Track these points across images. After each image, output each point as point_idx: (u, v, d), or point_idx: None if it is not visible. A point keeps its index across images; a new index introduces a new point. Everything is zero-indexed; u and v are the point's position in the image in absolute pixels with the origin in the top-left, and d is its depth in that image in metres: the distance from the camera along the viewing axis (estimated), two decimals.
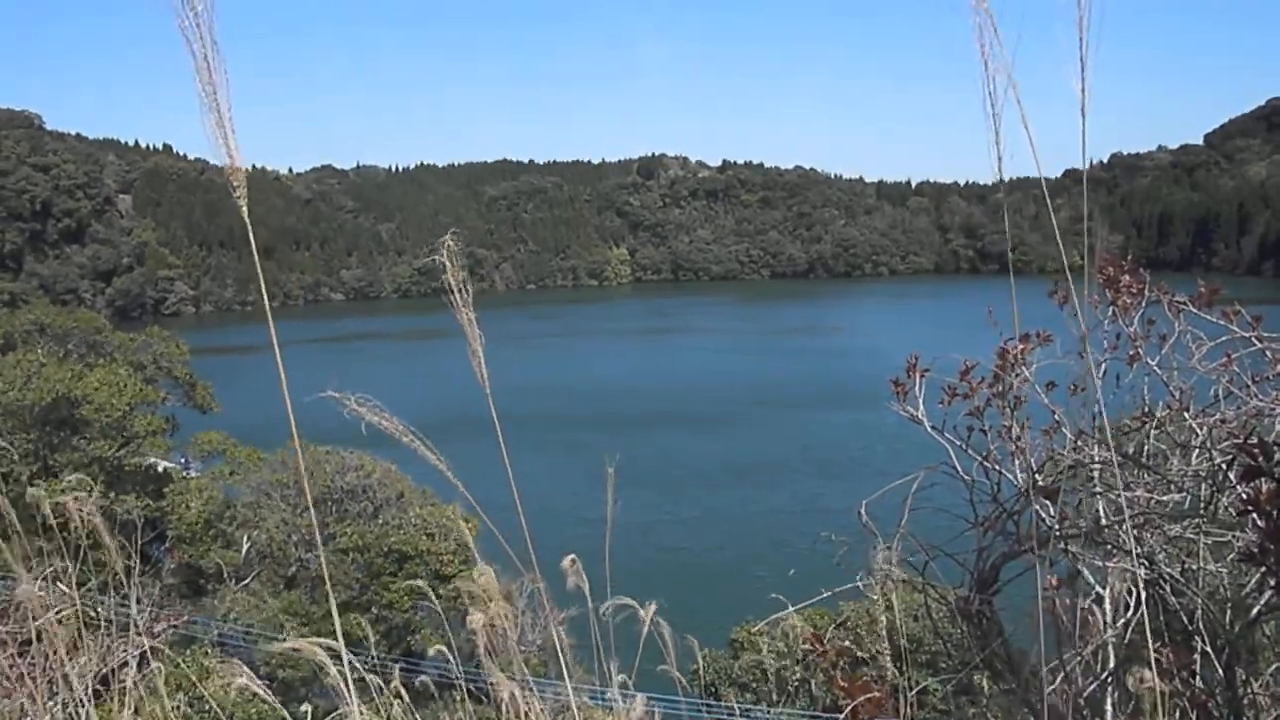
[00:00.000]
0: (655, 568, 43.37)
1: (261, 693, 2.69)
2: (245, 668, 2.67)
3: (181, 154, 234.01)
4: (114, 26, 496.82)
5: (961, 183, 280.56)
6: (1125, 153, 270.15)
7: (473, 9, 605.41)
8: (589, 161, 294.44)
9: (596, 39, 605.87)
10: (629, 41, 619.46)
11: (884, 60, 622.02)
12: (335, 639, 2.62)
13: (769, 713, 19.51)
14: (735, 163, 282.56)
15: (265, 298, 2.29)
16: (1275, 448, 1.78)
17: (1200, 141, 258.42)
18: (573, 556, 3.25)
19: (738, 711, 18.04)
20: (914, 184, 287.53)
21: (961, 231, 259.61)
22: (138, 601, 4.33)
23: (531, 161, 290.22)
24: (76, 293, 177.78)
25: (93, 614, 4.01)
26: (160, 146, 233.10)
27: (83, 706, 3.54)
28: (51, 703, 3.55)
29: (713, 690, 21.74)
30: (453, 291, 2.28)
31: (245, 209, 1.98)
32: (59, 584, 3.92)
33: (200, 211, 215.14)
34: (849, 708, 2.32)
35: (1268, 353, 3.15)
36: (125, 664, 3.90)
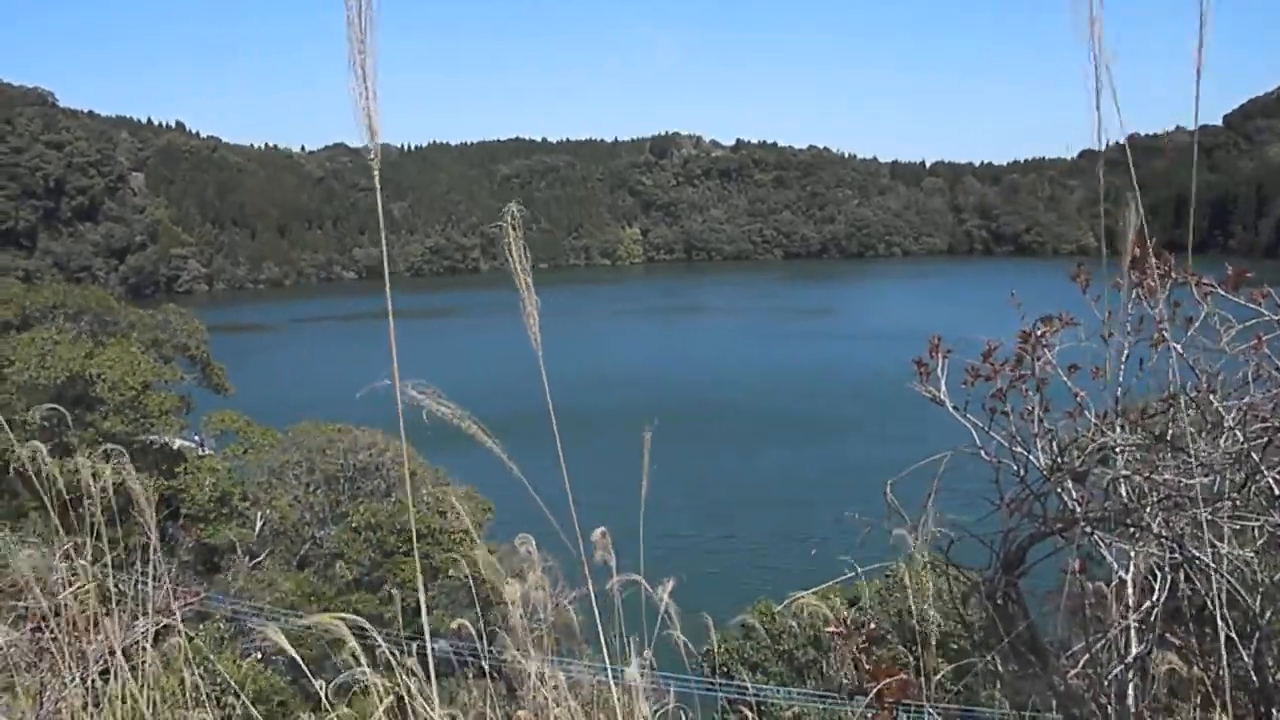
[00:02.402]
0: (667, 553, 43.54)
1: (283, 663, 2.69)
2: (280, 633, 2.67)
3: (194, 132, 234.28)
4: (127, 2, 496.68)
5: (976, 163, 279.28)
6: (1142, 134, 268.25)
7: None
8: (602, 140, 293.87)
9: (611, 18, 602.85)
10: (644, 21, 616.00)
11: (900, 41, 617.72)
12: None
13: (779, 692, 19.55)
14: (749, 142, 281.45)
15: (387, 270, 2.27)
16: None
17: (1219, 122, 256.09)
18: (603, 530, 3.21)
19: (751, 691, 18.08)
20: (928, 164, 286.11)
21: (975, 212, 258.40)
22: (155, 578, 4.34)
23: (544, 140, 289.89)
24: (90, 270, 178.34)
25: (111, 589, 4.02)
26: (173, 124, 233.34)
27: (100, 680, 3.55)
28: (70, 678, 3.55)
29: (725, 670, 21.79)
30: (513, 258, 2.27)
31: (378, 174, 1.95)
32: (77, 559, 3.92)
33: (213, 189, 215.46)
34: (874, 690, 2.30)
35: None
36: (143, 639, 3.91)
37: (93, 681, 3.50)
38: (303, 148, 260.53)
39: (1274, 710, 2.54)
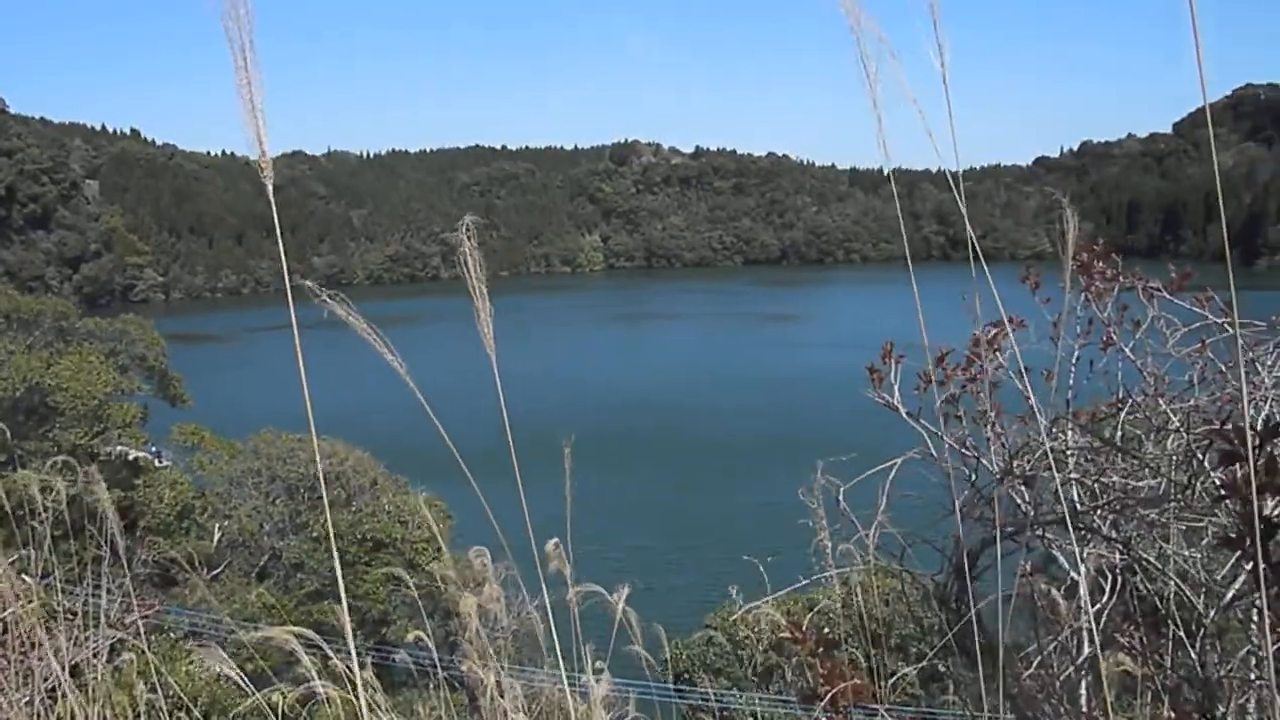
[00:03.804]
0: (630, 561, 43.49)
1: (236, 678, 2.66)
2: (222, 653, 2.64)
3: (149, 139, 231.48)
4: (79, 4, 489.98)
5: (933, 170, 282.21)
6: (1095, 141, 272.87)
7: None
8: (561, 148, 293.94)
9: (573, 25, 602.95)
10: (607, 31, 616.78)
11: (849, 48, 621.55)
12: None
13: (742, 698, 19.56)
14: (708, 149, 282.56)
15: (287, 279, 2.28)
16: (1252, 432, 1.79)
17: (1169, 130, 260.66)
18: (556, 540, 3.23)
19: (713, 697, 18.08)
20: (886, 171, 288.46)
21: (933, 218, 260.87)
22: (108, 592, 4.28)
23: (504, 147, 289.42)
24: (43, 279, 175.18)
25: (60, 606, 3.96)
26: (128, 131, 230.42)
27: (50, 699, 3.50)
28: (19, 695, 3.50)
29: (686, 676, 21.79)
30: (468, 269, 2.30)
31: (271, 191, 1.99)
32: (25, 575, 3.86)
33: (169, 197, 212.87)
34: (828, 694, 2.32)
35: (1240, 338, 3.16)
36: (96, 655, 3.85)
37: (41, 700, 3.45)
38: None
39: (1219, 706, 2.58)
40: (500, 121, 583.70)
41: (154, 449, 41.27)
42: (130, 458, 36.61)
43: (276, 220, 2.14)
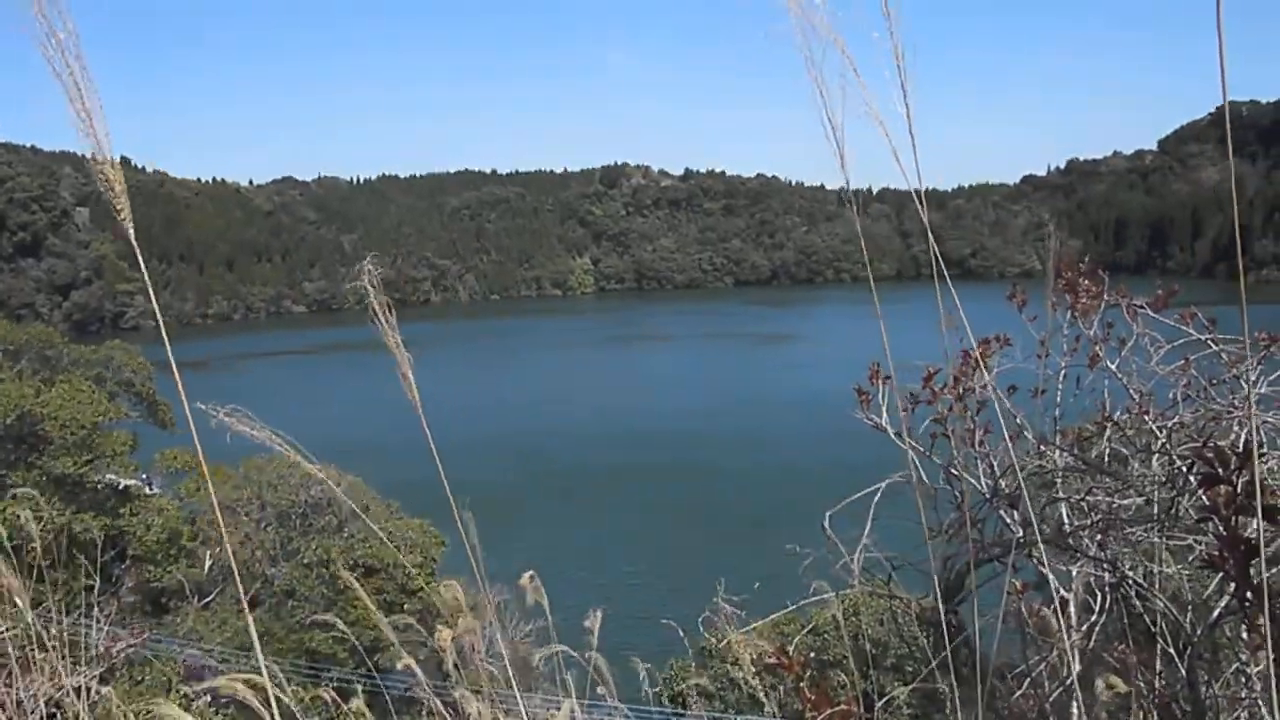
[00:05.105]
0: (623, 587, 43.33)
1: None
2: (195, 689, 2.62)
3: (140, 166, 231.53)
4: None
5: (922, 189, 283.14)
6: (1082, 159, 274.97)
7: (435, 19, 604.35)
8: (551, 171, 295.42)
9: (560, 48, 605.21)
10: (588, 51, 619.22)
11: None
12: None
13: None
14: (697, 171, 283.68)
15: (159, 315, 2.25)
16: (1232, 454, 1.80)
17: (1154, 147, 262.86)
18: (531, 573, 3.22)
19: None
20: (875, 191, 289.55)
21: (922, 238, 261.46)
22: (96, 621, 4.25)
23: (494, 171, 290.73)
24: (33, 307, 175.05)
25: (47, 635, 3.93)
26: (118, 159, 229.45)
27: None
28: None
29: (680, 700, 21.69)
30: (377, 317, 2.28)
31: (131, 228, 1.95)
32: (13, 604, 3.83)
33: (159, 225, 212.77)
34: None
35: (1224, 355, 3.17)
36: (81, 686, 3.82)
37: None
38: (250, 181, 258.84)
39: None
40: (490, 145, 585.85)
41: (144, 476, 41.06)
42: (121, 486, 36.42)
43: (138, 250, 2.09)
